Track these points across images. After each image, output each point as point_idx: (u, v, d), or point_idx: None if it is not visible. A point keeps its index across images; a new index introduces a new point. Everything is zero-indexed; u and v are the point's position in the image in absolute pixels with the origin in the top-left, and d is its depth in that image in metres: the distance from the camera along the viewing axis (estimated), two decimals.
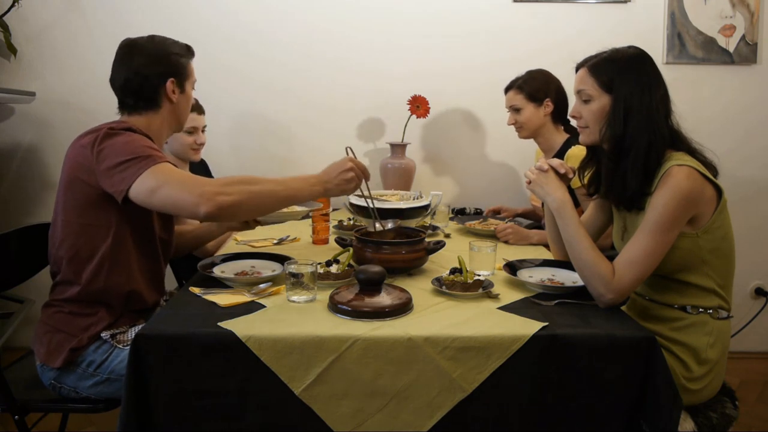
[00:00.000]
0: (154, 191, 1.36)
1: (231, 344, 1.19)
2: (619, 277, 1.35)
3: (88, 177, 1.44)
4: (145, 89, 1.56)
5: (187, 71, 1.63)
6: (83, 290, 1.51)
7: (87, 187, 1.45)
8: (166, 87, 1.57)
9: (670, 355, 1.42)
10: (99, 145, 1.43)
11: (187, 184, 1.37)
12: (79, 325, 1.52)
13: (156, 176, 1.37)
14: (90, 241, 1.49)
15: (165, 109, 1.60)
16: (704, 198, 1.37)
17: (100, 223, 1.48)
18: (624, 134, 1.41)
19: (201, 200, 1.33)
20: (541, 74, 2.28)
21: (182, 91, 1.62)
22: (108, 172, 1.40)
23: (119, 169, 1.39)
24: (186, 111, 1.67)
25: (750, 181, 2.84)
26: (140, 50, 1.57)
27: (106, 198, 1.44)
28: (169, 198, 1.36)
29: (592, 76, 1.46)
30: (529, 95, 2.24)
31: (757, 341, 2.92)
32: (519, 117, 2.27)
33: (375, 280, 1.34)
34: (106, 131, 1.45)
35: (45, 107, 2.72)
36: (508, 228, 2.07)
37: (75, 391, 1.54)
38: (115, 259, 1.51)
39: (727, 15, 2.75)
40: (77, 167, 1.46)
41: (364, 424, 1.21)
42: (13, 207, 2.78)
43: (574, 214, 1.45)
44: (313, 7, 2.75)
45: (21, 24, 2.66)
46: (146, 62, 1.56)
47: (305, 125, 2.83)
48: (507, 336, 1.21)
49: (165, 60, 1.57)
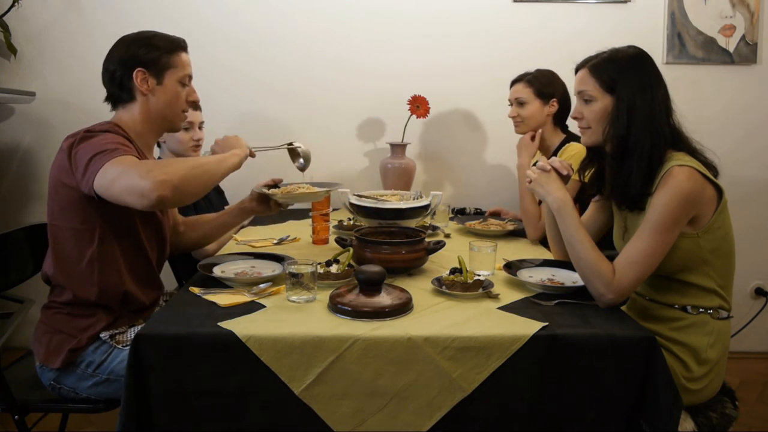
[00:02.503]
0: (113, 182, 1.34)
1: (231, 344, 1.19)
2: (620, 277, 1.35)
3: (69, 180, 1.45)
4: (115, 79, 1.56)
5: (164, 62, 1.57)
6: (77, 294, 1.51)
7: (69, 190, 1.46)
8: (133, 77, 1.55)
9: (670, 355, 1.42)
10: (75, 148, 1.44)
11: (137, 169, 1.34)
12: (78, 325, 1.52)
13: (114, 167, 1.35)
14: (77, 244, 1.50)
15: (140, 102, 1.57)
16: (705, 198, 1.37)
17: (85, 226, 1.48)
18: (627, 134, 1.41)
19: (152, 185, 1.31)
20: (551, 73, 2.27)
21: (159, 83, 1.57)
22: (79, 171, 1.41)
23: (87, 166, 1.39)
24: (172, 107, 1.61)
25: (750, 181, 2.84)
26: (120, 43, 1.58)
27: (87, 199, 1.44)
28: (125, 187, 1.33)
29: (593, 76, 1.46)
30: (538, 91, 2.23)
31: (757, 341, 2.92)
32: (522, 111, 2.25)
33: (375, 280, 1.34)
34: (83, 134, 1.46)
35: (45, 107, 2.72)
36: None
37: (74, 391, 1.54)
38: (104, 260, 1.51)
39: (727, 15, 2.75)
40: (59, 171, 1.48)
41: (364, 424, 1.21)
42: (13, 207, 2.78)
43: (574, 214, 1.45)
44: (313, 7, 2.75)
45: (21, 24, 2.66)
46: (117, 54, 1.56)
47: (305, 125, 2.83)
48: (507, 336, 1.21)
49: (133, 50, 1.55)
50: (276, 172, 2.81)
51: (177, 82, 1.60)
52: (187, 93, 1.64)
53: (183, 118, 1.67)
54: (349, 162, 2.87)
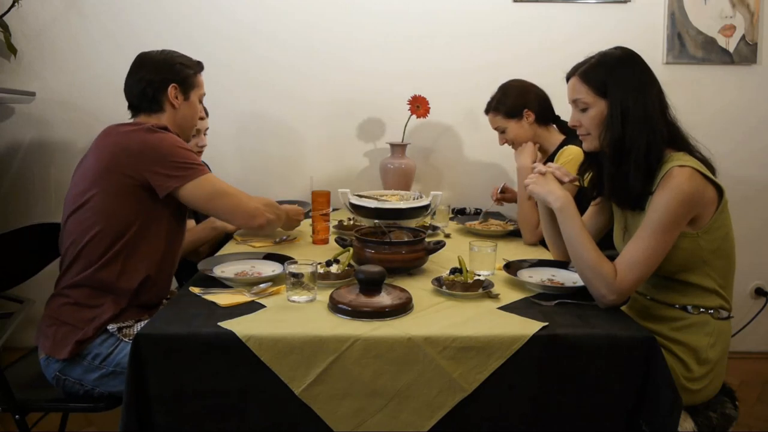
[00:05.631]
0: (214, 198, 1.63)
1: (231, 344, 1.19)
2: (622, 278, 1.34)
3: (125, 167, 1.55)
4: (148, 92, 1.69)
5: (191, 81, 1.76)
6: (98, 270, 1.55)
7: (123, 177, 1.56)
8: (168, 91, 1.70)
9: (671, 355, 1.42)
10: (146, 137, 1.57)
11: (245, 198, 1.70)
12: (84, 316, 1.54)
13: (213, 185, 1.63)
14: (118, 225, 1.56)
15: (168, 113, 1.72)
16: (705, 199, 1.37)
17: (131, 211, 1.57)
18: (623, 136, 1.40)
19: (257, 213, 1.69)
20: (512, 87, 2.24)
21: (186, 99, 1.75)
22: (156, 167, 1.56)
23: (171, 168, 1.56)
24: (190, 121, 1.79)
25: (750, 181, 2.84)
26: (149, 59, 1.73)
27: (143, 188, 1.57)
28: (230, 207, 1.66)
29: (585, 83, 1.46)
30: (507, 114, 2.22)
31: (757, 341, 2.92)
32: (507, 136, 2.25)
33: (375, 280, 1.34)
34: (149, 127, 1.60)
35: (45, 107, 2.72)
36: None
37: (80, 383, 1.55)
38: (139, 245, 1.59)
39: (727, 15, 2.75)
40: (113, 157, 1.57)
41: (364, 424, 1.21)
42: (13, 207, 2.77)
43: (577, 214, 1.44)
44: (314, 7, 2.75)
45: (21, 24, 2.66)
46: (152, 68, 1.70)
47: (305, 125, 2.83)
48: (507, 336, 1.21)
49: (168, 67, 1.71)
50: (279, 175, 2.83)
51: (197, 99, 1.80)
52: (200, 109, 1.85)
53: (194, 131, 1.90)
54: (349, 162, 2.87)
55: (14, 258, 1.72)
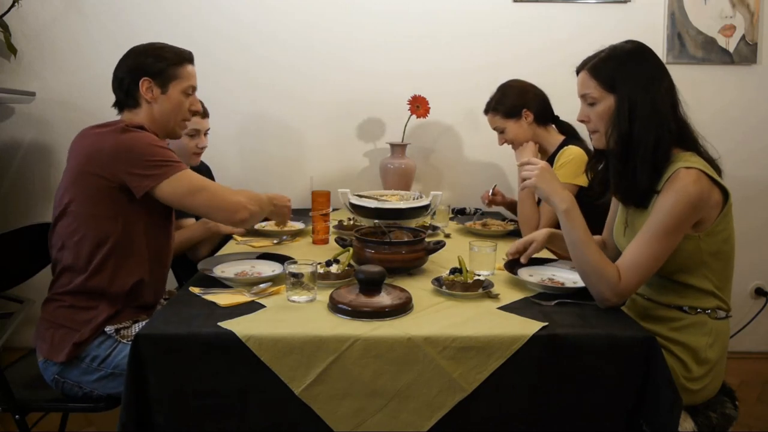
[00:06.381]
0: (192, 194, 1.55)
1: (231, 344, 1.19)
2: (626, 280, 1.34)
3: (100, 170, 1.51)
4: (122, 86, 1.66)
5: (169, 74, 1.67)
6: (89, 278, 1.53)
7: (98, 179, 1.52)
8: (140, 86, 1.64)
9: (670, 355, 1.42)
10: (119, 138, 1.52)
11: (225, 193, 1.62)
12: (80, 318, 1.54)
13: (190, 180, 1.56)
14: (100, 229, 1.54)
15: (144, 108, 1.67)
16: (711, 202, 1.35)
17: (110, 214, 1.54)
18: (630, 132, 1.38)
19: (238, 207, 1.60)
20: (511, 87, 2.25)
21: (164, 92, 1.67)
22: (131, 168, 1.51)
23: (145, 167, 1.51)
24: (171, 114, 1.69)
25: (750, 181, 2.84)
26: (130, 53, 1.68)
27: (120, 190, 1.52)
28: (208, 201, 1.58)
29: (594, 77, 1.43)
30: (506, 114, 2.23)
31: (756, 341, 2.92)
32: (506, 136, 2.26)
33: (375, 280, 1.34)
34: (123, 127, 1.55)
35: (45, 107, 2.72)
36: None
37: (78, 385, 1.55)
38: (126, 247, 1.56)
39: (727, 15, 2.75)
40: (88, 160, 1.53)
41: (364, 424, 1.21)
42: (13, 207, 2.78)
43: (581, 216, 1.41)
44: (314, 7, 2.75)
45: (21, 24, 2.66)
46: (124, 63, 1.67)
47: (305, 125, 2.83)
48: (507, 336, 1.21)
49: (140, 61, 1.65)
50: (279, 175, 2.83)
51: (181, 92, 1.70)
52: (190, 102, 1.73)
53: (183, 126, 1.77)
54: (349, 162, 2.87)
55: (14, 258, 1.71)
